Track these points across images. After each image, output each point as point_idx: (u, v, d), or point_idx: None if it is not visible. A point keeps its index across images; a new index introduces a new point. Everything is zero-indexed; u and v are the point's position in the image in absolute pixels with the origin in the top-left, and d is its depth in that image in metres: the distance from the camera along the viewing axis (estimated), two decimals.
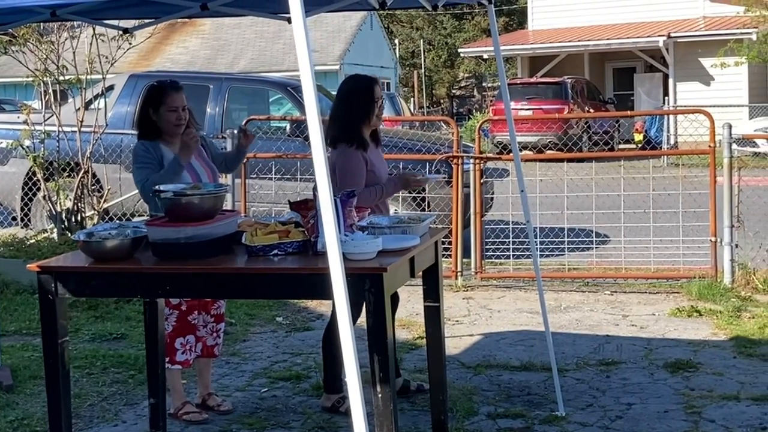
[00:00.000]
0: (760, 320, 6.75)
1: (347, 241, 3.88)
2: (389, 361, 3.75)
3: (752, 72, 25.03)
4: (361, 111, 4.91)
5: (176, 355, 4.92)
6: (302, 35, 2.50)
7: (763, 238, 8.30)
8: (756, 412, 4.92)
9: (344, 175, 4.86)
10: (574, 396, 5.25)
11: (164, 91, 4.83)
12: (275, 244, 3.99)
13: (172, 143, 4.86)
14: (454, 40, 49.58)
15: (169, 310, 4.91)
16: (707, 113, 8.31)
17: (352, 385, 2.58)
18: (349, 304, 2.77)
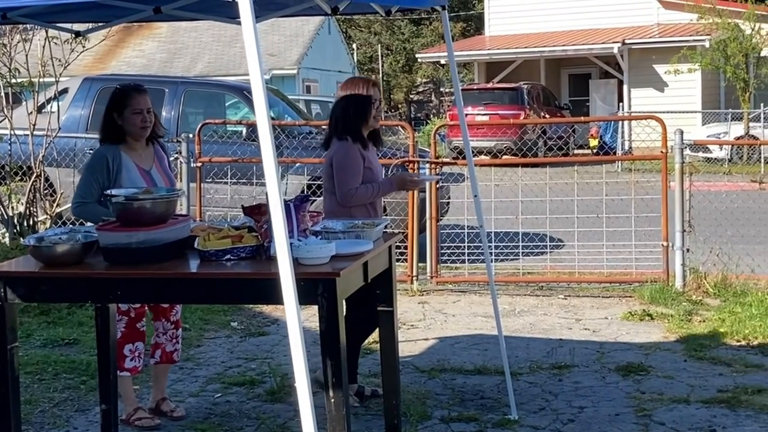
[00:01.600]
0: (710, 324, 6.85)
1: (300, 246, 3.88)
2: (342, 366, 3.76)
3: (705, 79, 25.41)
4: (358, 111, 4.99)
5: (125, 362, 4.89)
6: (252, 40, 2.50)
7: (714, 242, 8.43)
8: (705, 414, 4.99)
9: (342, 170, 4.94)
10: (527, 399, 5.29)
11: (129, 93, 4.81)
12: (228, 249, 3.98)
13: (135, 148, 4.85)
14: (412, 45, 49.74)
15: (119, 317, 4.87)
16: (659, 119, 8.42)
17: (301, 390, 2.58)
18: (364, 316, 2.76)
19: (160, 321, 5.06)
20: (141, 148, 4.88)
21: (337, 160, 4.96)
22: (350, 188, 4.96)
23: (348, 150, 4.97)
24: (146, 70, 30.76)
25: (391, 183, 5.16)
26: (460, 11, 53.73)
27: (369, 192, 5.00)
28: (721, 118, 23.51)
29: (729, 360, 5.94)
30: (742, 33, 22.84)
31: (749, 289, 7.71)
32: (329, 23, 35.24)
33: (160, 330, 5.07)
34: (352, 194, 4.97)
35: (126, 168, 4.77)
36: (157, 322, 5.08)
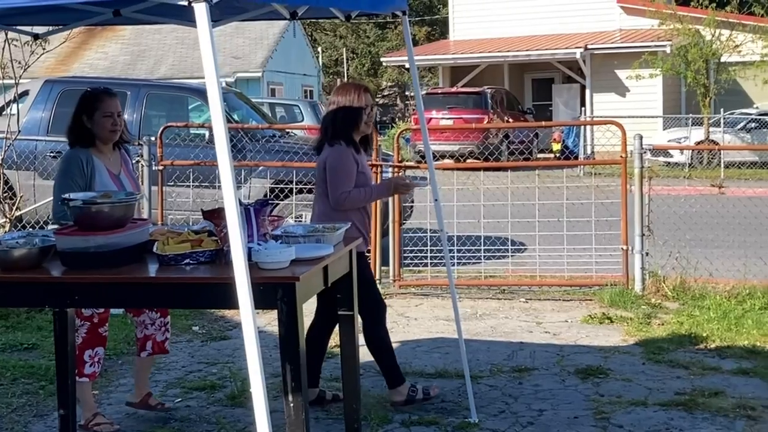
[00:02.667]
0: (668, 327, 6.93)
1: (260, 250, 3.88)
2: (301, 371, 3.76)
3: (666, 84, 25.69)
4: (351, 116, 5.03)
5: (84, 367, 4.85)
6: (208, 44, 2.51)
7: (673, 246, 8.53)
8: (663, 417, 5.05)
9: (335, 173, 4.97)
10: (487, 403, 5.32)
11: (99, 97, 4.80)
12: (187, 254, 3.97)
13: (104, 152, 4.83)
14: (377, 49, 49.81)
15: (81, 322, 4.84)
16: (619, 124, 8.51)
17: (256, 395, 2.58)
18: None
19: (144, 313, 5.04)
20: (109, 152, 4.88)
21: (331, 164, 5.00)
22: (343, 191, 4.99)
23: (341, 154, 5.01)
24: (109, 72, 30.52)
25: (387, 187, 5.24)
26: (425, 16, 53.89)
27: (362, 196, 5.05)
28: (681, 123, 23.79)
29: (687, 363, 6.02)
30: (703, 39, 23.11)
31: (707, 293, 7.81)
32: (294, 26, 35.18)
33: (147, 322, 5.04)
34: (345, 198, 5.00)
35: (99, 171, 4.77)
36: (140, 316, 5.05)
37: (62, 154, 4.91)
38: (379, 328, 5.22)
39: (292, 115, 22.28)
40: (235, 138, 9.39)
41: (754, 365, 5.94)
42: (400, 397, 5.19)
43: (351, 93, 5.07)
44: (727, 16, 23.24)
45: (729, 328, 6.82)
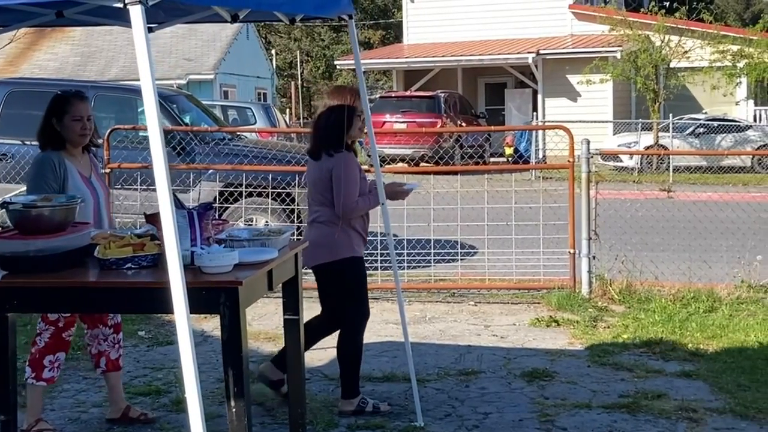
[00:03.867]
0: (614, 330, 7.01)
1: (203, 254, 3.86)
2: (244, 376, 3.75)
3: (616, 89, 25.98)
4: (344, 122, 5.01)
5: (43, 372, 4.80)
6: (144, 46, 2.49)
7: (619, 249, 8.62)
8: (606, 419, 5.10)
9: (346, 182, 4.97)
10: (433, 406, 5.33)
11: (69, 100, 4.76)
12: (129, 258, 3.94)
13: (75, 155, 4.80)
14: (332, 52, 49.80)
15: (45, 326, 4.80)
16: (566, 129, 8.59)
17: (191, 401, 2.57)
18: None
19: (98, 328, 4.98)
20: (79, 155, 4.86)
21: (339, 173, 4.97)
22: (355, 200, 5.01)
23: (348, 161, 5.02)
24: (59, 73, 30.16)
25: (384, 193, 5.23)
26: (379, 19, 53.99)
27: (368, 203, 5.11)
28: (631, 127, 24.06)
29: (631, 366, 6.08)
30: (652, 45, 23.43)
31: (653, 296, 7.90)
32: (248, 28, 35.05)
33: (100, 337, 4.99)
34: (355, 206, 5.03)
35: (71, 174, 4.74)
36: (95, 330, 4.99)
37: (34, 157, 4.85)
38: (356, 338, 5.23)
39: (245, 117, 22.18)
40: (184, 141, 9.32)
41: (696, 368, 6.02)
42: (350, 407, 5.19)
43: (346, 97, 5.07)
44: (676, 22, 23.59)
45: (673, 331, 6.91)
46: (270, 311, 7.51)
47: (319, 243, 5.02)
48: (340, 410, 5.19)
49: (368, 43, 51.70)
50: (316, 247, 5.01)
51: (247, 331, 3.85)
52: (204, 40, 33.39)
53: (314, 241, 5.01)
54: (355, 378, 5.22)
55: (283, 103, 45.98)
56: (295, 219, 9.07)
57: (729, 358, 6.21)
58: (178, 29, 31.83)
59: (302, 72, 48.79)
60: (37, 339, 4.80)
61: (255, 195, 9.15)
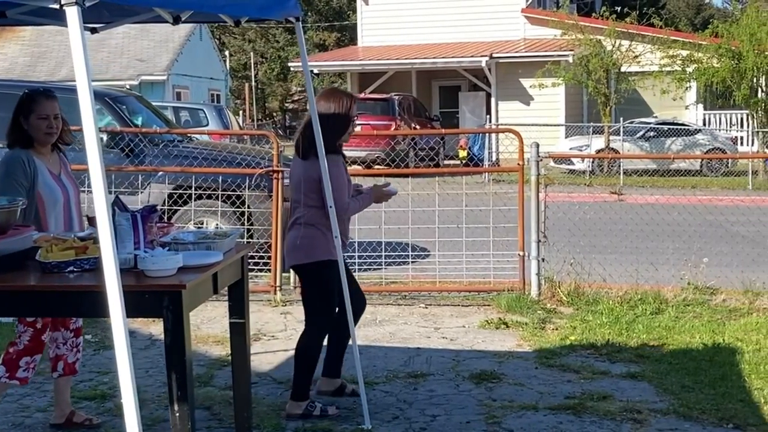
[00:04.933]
0: (562, 332, 7.07)
1: (146, 258, 3.83)
2: (187, 380, 3.72)
3: (569, 93, 26.23)
4: (338, 127, 5.06)
5: (17, 371, 4.78)
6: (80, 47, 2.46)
7: (568, 252, 8.69)
8: (552, 421, 5.14)
9: (338, 182, 4.98)
10: (381, 409, 5.33)
11: (35, 98, 4.73)
12: (71, 261, 3.89)
13: (44, 153, 4.76)
14: (287, 54, 49.64)
15: (23, 328, 4.77)
16: (516, 132, 8.64)
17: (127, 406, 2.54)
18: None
19: (59, 331, 4.94)
20: (48, 153, 4.81)
21: (331, 176, 4.97)
22: (347, 201, 5.06)
23: (338, 164, 5.06)
24: (8, 74, 29.74)
25: (370, 197, 5.28)
26: (334, 21, 53.95)
27: (357, 205, 5.17)
28: (583, 131, 24.30)
29: (578, 367, 6.14)
30: (604, 49, 23.68)
31: (601, 298, 7.98)
32: (201, 29, 34.84)
33: (59, 341, 4.95)
34: (347, 208, 5.08)
35: (40, 172, 4.70)
36: (55, 332, 4.95)
37: (2, 157, 4.79)
38: (318, 341, 5.23)
39: (197, 119, 22.04)
40: (133, 142, 9.23)
41: (642, 369, 6.09)
42: (298, 410, 5.17)
43: (344, 101, 5.10)
44: (626, 27, 23.87)
45: (620, 332, 6.99)
46: (219, 314, 7.47)
47: (297, 244, 5.08)
48: (288, 413, 5.17)
49: (323, 45, 51.65)
50: (294, 248, 5.09)
51: (190, 335, 3.82)
52: (156, 41, 33.12)
53: (292, 242, 5.09)
54: (307, 381, 5.21)
55: (237, 105, 45.76)
56: (245, 221, 9.03)
57: (674, 360, 6.30)
58: (130, 30, 31.56)
59: (257, 73, 48.58)
60: (17, 341, 4.78)
61: (205, 197, 9.09)
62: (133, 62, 32.00)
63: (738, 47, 22.14)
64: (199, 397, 5.44)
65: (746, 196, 14.02)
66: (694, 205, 9.99)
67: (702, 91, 25.40)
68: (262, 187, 8.99)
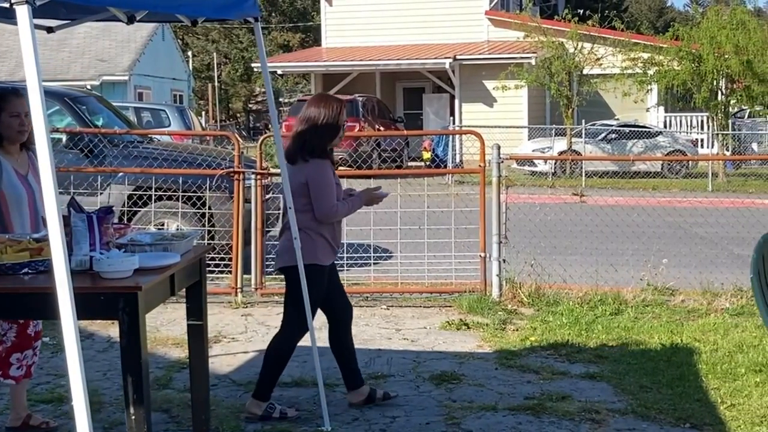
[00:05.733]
0: (522, 332, 7.10)
1: (101, 259, 3.80)
2: (143, 382, 3.70)
3: (531, 95, 26.38)
4: (328, 132, 5.09)
5: (10, 369, 4.78)
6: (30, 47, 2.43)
7: (528, 253, 8.74)
8: (511, 421, 5.16)
9: (322, 188, 5.02)
10: (341, 411, 5.33)
11: (5, 97, 4.68)
12: (26, 263, 3.85)
13: (11, 152, 4.70)
14: (250, 55, 49.47)
15: (8, 325, 4.75)
16: (477, 134, 8.67)
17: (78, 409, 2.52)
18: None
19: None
20: (16, 153, 4.75)
21: (315, 179, 5.03)
22: (333, 204, 5.06)
23: (322, 168, 5.07)
24: None
25: (361, 199, 5.28)
26: (298, 22, 53.86)
27: (347, 208, 5.17)
28: (546, 133, 24.45)
29: (537, 368, 6.17)
30: (566, 52, 23.84)
31: (561, 299, 8.03)
32: (163, 29, 34.62)
33: None
34: (335, 211, 5.08)
35: (6, 172, 4.63)
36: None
37: None
38: (290, 343, 5.24)
39: (159, 120, 21.87)
40: (92, 143, 9.14)
41: (601, 370, 6.13)
42: (257, 410, 5.15)
43: (333, 107, 5.13)
44: (588, 29, 24.04)
45: (580, 333, 7.03)
46: (179, 316, 7.38)
47: (285, 247, 5.13)
48: (248, 411, 5.15)
49: (287, 45, 51.55)
50: (282, 251, 5.16)
51: (146, 337, 3.79)
52: (118, 41, 32.85)
53: (281, 245, 5.16)
54: (272, 381, 5.20)
55: (201, 106, 45.52)
56: (206, 223, 8.98)
57: (633, 360, 6.34)
58: (91, 30, 31.28)
59: (220, 74, 48.36)
60: (3, 339, 4.76)
61: (165, 199, 9.03)
62: (94, 62, 31.72)
63: (698, 50, 22.38)
64: (158, 400, 5.40)
65: (706, 197, 14.16)
66: (653, 207, 10.08)
67: (663, 93, 25.67)
68: (223, 189, 8.95)
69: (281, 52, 46.96)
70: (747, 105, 23.74)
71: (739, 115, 26.87)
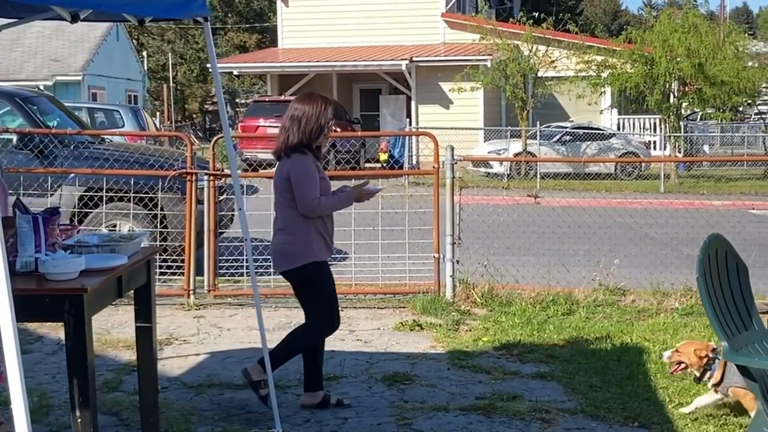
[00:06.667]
0: (475, 333, 7.13)
1: (47, 261, 3.76)
2: (89, 385, 3.66)
3: (487, 97, 26.50)
4: (312, 129, 5.14)
5: None
6: None
7: (482, 254, 8.78)
8: (462, 421, 5.18)
9: (302, 182, 5.04)
10: (293, 412, 5.31)
11: None
12: None
13: None
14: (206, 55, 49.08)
15: None
16: (431, 135, 8.70)
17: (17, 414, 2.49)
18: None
19: None
20: None
21: (296, 173, 5.07)
22: (314, 198, 5.08)
23: (304, 162, 5.10)
24: None
25: (350, 196, 5.35)
26: (255, 23, 53.63)
27: (330, 203, 5.21)
28: (501, 135, 24.58)
29: (489, 368, 6.20)
30: (521, 54, 23.99)
31: (514, 299, 8.07)
32: (117, 29, 34.27)
33: None
34: (316, 204, 5.10)
35: None
36: None
37: None
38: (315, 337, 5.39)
39: (113, 120, 21.66)
40: (43, 143, 9.03)
41: (551, 369, 6.18)
42: (315, 400, 5.35)
43: (318, 104, 5.18)
44: (543, 32, 24.22)
45: (531, 333, 7.08)
46: (130, 319, 7.27)
47: (279, 251, 5.18)
48: (304, 404, 5.35)
49: (244, 46, 51.30)
50: (277, 255, 5.20)
51: (93, 339, 3.75)
52: (72, 41, 32.47)
53: (276, 249, 5.20)
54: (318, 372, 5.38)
55: (156, 106, 45.13)
56: (158, 224, 8.91)
57: (583, 360, 6.40)
58: (44, 29, 30.90)
59: (175, 74, 47.99)
60: None
61: (117, 200, 8.94)
62: (47, 62, 31.32)
63: (651, 53, 22.64)
64: (107, 403, 5.35)
65: (655, 199, 14.33)
66: (603, 208, 10.18)
67: (616, 95, 25.92)
68: (175, 190, 8.88)
69: (237, 53, 46.74)
70: (699, 107, 24.07)
71: (691, 118, 27.23)
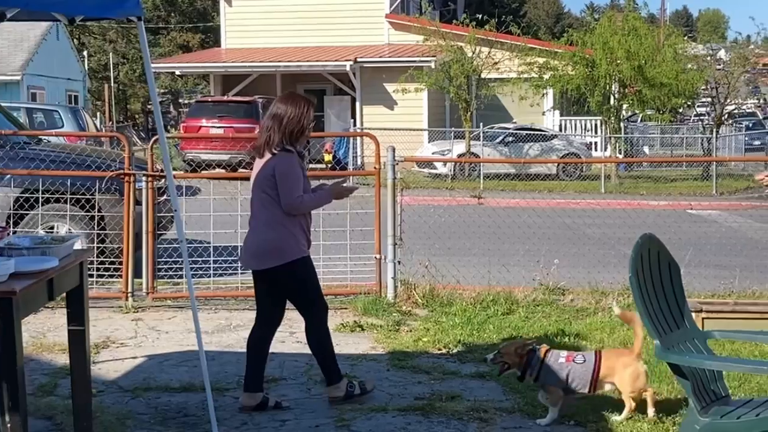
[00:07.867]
0: (415, 333, 7.14)
1: None
2: (20, 388, 3.60)
3: (431, 98, 26.58)
4: (293, 129, 5.20)
5: None
6: None
7: (424, 255, 8.80)
8: (401, 422, 5.19)
9: (287, 179, 5.12)
10: (230, 415, 5.28)
11: None
12: None
13: None
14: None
15: None
16: (372, 136, 8.70)
17: None
18: None
19: None
20: None
21: (281, 171, 5.13)
22: (298, 195, 5.12)
23: (289, 160, 5.16)
24: None
25: (329, 193, 5.38)
26: (198, 23, 53.20)
27: (313, 201, 5.27)
28: (445, 136, 24.69)
29: (429, 368, 6.21)
30: (465, 55, 24.11)
31: (455, 300, 8.10)
32: (57, 28, 33.78)
33: None
34: (300, 202, 5.15)
35: None
36: None
37: None
38: (323, 328, 5.45)
39: (52, 121, 21.33)
40: None
41: (490, 369, 6.19)
42: (340, 393, 5.38)
43: (301, 105, 5.23)
44: (486, 34, 24.38)
45: (471, 333, 7.11)
46: (66, 322, 7.23)
47: (265, 248, 5.21)
48: (330, 397, 5.41)
49: (187, 46, 50.83)
50: (263, 252, 5.22)
51: (22, 343, 3.69)
52: (10, 40, 31.94)
53: (260, 246, 5.21)
54: (333, 364, 5.41)
55: (98, 106, 44.54)
56: (96, 226, 8.79)
57: None
58: None
59: (117, 74, 47.39)
60: None
61: (54, 201, 8.80)
62: None
63: (592, 55, 22.91)
64: (42, 407, 5.27)
65: (595, 199, 14.50)
66: (544, 209, 10.28)
67: (558, 97, 26.19)
68: (113, 191, 8.77)
69: (181, 53, 46.29)
70: (638, 109, 24.41)
71: (631, 119, 27.62)
